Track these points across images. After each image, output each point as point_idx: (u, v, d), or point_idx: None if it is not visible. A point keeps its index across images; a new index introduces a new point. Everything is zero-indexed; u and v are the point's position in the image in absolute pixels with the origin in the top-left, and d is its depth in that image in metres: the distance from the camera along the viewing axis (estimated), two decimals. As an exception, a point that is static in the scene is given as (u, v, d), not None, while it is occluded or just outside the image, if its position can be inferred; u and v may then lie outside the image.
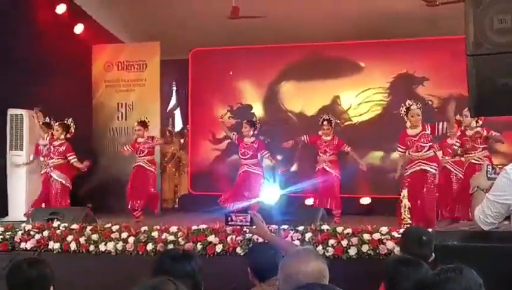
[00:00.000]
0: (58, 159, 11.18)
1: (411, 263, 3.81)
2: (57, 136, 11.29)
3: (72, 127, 11.45)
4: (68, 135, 11.42)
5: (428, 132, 9.74)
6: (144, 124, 11.95)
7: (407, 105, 10.01)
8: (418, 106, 9.98)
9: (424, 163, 9.71)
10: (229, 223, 4.62)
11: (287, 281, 2.81)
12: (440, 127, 9.79)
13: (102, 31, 14.41)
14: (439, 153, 10.57)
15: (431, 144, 9.82)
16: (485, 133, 9.91)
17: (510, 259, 3.87)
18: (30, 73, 11.62)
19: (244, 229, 7.04)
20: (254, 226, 4.46)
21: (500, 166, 4.17)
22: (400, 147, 10.16)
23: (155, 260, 3.69)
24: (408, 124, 10.01)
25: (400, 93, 12.88)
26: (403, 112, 10.07)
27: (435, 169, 9.77)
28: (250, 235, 6.99)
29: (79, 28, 13.66)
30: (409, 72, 13.13)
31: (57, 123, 11.38)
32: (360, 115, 13.50)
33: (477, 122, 9.99)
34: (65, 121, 11.44)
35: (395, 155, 12.12)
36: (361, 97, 13.49)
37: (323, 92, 13.72)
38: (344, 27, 13.02)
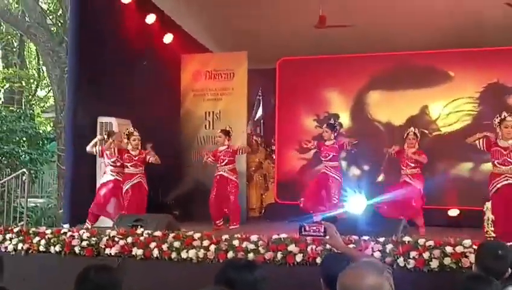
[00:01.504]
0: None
1: (481, 279, 3.74)
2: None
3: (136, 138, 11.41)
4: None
5: None
6: (226, 133, 12.03)
7: (502, 116, 9.75)
8: None
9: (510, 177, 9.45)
10: (303, 233, 4.60)
11: None
12: None
13: (191, 40, 14.58)
14: None
15: None
16: None
17: None
18: (120, 81, 11.85)
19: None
20: (328, 237, 4.43)
21: None
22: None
23: (219, 268, 3.72)
24: (500, 135, 9.75)
25: (491, 103, 12.63)
26: (496, 122, 9.81)
27: None
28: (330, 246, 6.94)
29: (168, 38, 13.81)
30: (500, 81, 12.84)
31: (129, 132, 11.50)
32: (449, 125, 13.26)
33: None
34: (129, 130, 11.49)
35: (485, 167, 11.91)
36: (450, 107, 13.26)
37: (411, 102, 13.55)
38: (433, 35, 12.85)
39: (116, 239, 8.25)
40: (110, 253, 8.14)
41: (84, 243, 8.34)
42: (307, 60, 14.30)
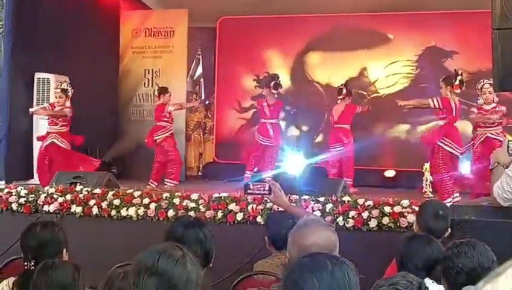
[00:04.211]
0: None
1: (421, 239, 3.82)
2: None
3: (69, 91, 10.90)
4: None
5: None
6: (161, 90, 11.86)
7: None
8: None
9: None
10: (248, 191, 4.63)
11: (299, 252, 2.81)
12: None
13: (130, -4, 14.39)
14: None
15: None
16: (504, 110, 9.77)
17: (527, 236, 3.84)
18: (57, 38, 11.63)
19: (265, 199, 7.04)
20: (272, 195, 4.45)
21: (522, 142, 4.12)
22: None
23: (168, 226, 3.74)
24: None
25: (428, 66, 12.79)
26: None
27: None
28: (271, 204, 6.99)
29: (107, -7, 13.61)
30: (437, 45, 13.01)
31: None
32: (388, 87, 13.42)
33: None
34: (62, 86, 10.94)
35: (421, 129, 12.14)
36: (389, 69, 13.40)
37: (350, 63, 13.65)
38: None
39: (55, 196, 8.16)
40: (49, 210, 8.06)
41: (22, 200, 8.24)
42: (247, 19, 14.26)
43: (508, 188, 3.88)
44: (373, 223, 6.90)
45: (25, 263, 3.87)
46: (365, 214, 6.96)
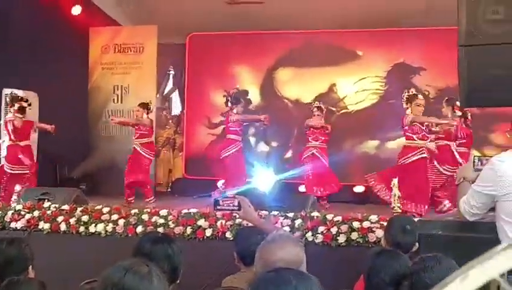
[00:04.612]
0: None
1: (388, 254, 3.83)
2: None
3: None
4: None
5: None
6: (144, 106, 11.81)
7: (412, 93, 9.95)
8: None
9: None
10: (218, 207, 4.62)
11: (264, 267, 2.81)
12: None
13: (100, 12, 14.30)
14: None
15: None
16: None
17: (493, 250, 3.87)
18: (26, 53, 11.59)
19: (234, 214, 7.03)
20: (241, 211, 4.45)
21: (487, 157, 4.16)
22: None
23: (136, 242, 3.72)
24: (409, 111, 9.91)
25: (397, 82, 12.89)
26: (405, 97, 9.94)
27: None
28: (240, 220, 6.98)
29: (77, 10, 13.57)
30: (405, 62, 13.12)
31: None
32: (357, 103, 13.49)
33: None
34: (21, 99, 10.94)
35: (390, 145, 12.21)
36: (358, 85, 13.48)
37: (320, 80, 13.73)
38: (342, 15, 12.99)
39: (22, 213, 8.09)
40: (16, 227, 7.99)
41: (-12, 217, 8.16)
42: (217, 35, 14.29)
43: (474, 202, 3.91)
44: (342, 239, 6.92)
45: (-10, 280, 3.83)
46: (334, 230, 6.98)
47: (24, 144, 10.85)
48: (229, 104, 11.81)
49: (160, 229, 7.39)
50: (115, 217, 7.79)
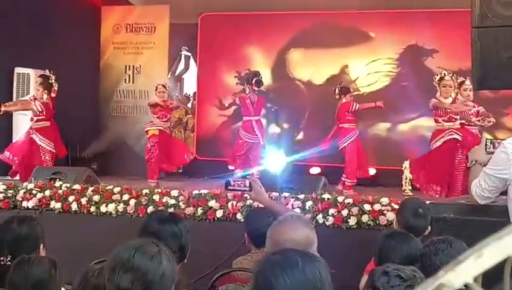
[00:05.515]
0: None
1: (400, 236, 3.82)
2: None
3: (54, 86, 10.76)
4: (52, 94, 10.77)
5: None
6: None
7: (442, 74, 9.85)
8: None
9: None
10: (229, 188, 4.64)
11: (274, 248, 2.81)
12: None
13: (112, -9, 14.32)
14: None
15: None
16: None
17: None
18: (38, 32, 11.57)
19: (245, 195, 7.04)
20: (252, 192, 4.45)
21: (499, 140, 4.14)
22: None
23: (143, 221, 3.72)
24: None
25: (409, 65, 12.82)
26: (436, 80, 9.88)
27: None
28: (251, 201, 6.98)
29: (88, -12, 13.56)
30: (418, 44, 13.01)
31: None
32: (368, 85, 13.38)
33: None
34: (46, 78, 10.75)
35: (402, 127, 12.16)
36: (370, 67, 13.39)
37: (332, 61, 13.61)
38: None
39: (34, 192, 8.13)
40: (28, 206, 8.02)
41: (1, 196, 8.19)
42: (229, 16, 14.21)
43: (486, 186, 3.88)
44: (352, 221, 6.92)
45: (1, 258, 3.84)
46: (345, 212, 6.98)
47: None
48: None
49: (171, 210, 7.39)
50: (125, 197, 7.82)
